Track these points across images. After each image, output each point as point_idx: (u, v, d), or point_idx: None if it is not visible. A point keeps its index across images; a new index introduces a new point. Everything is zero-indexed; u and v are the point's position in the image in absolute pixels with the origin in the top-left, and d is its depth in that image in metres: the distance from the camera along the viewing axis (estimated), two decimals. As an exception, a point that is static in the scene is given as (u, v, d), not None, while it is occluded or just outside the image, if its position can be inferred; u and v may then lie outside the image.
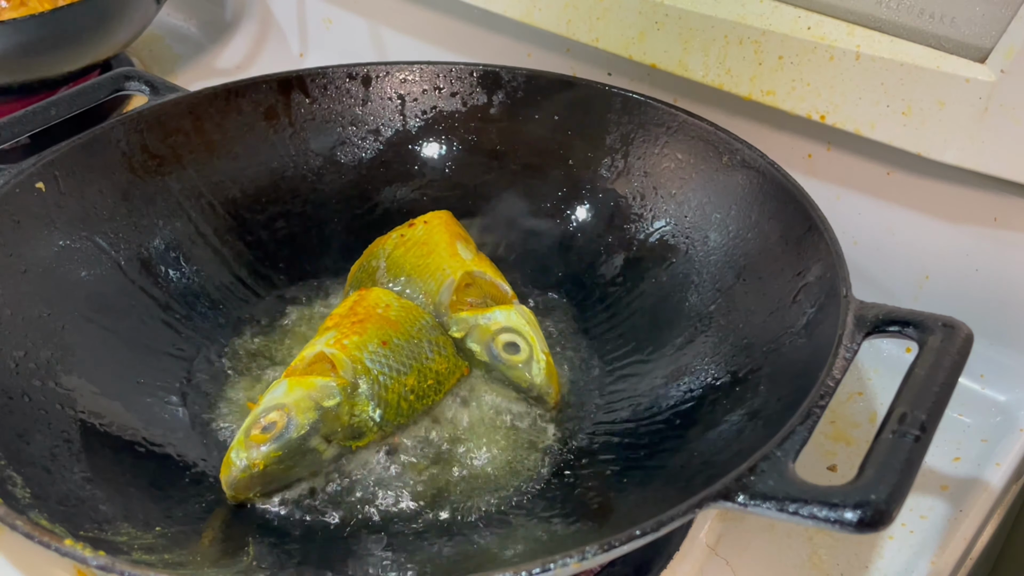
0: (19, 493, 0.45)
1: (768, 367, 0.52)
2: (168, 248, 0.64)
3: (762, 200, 0.59)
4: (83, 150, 0.62)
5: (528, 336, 0.57)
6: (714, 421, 0.51)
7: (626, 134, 0.66)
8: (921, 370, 0.44)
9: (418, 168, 0.71)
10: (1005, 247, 0.61)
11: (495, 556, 0.48)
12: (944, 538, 0.54)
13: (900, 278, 0.66)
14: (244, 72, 0.98)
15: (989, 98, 0.55)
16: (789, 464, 0.40)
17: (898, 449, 0.40)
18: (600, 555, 0.38)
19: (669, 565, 0.52)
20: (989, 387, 0.63)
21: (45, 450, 0.50)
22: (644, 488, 0.50)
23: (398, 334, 0.55)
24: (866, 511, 0.37)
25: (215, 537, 0.50)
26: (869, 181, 0.65)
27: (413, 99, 0.71)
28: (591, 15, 0.69)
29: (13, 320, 0.55)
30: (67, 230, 0.60)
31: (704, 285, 0.60)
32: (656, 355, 0.59)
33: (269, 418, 0.51)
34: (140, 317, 0.61)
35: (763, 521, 0.55)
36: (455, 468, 0.54)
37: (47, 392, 0.53)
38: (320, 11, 0.95)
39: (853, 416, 0.62)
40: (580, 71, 0.75)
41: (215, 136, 0.68)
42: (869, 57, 0.58)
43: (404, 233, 0.63)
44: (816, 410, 0.43)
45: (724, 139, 0.62)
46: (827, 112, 0.61)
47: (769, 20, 0.61)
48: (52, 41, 0.79)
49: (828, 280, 0.51)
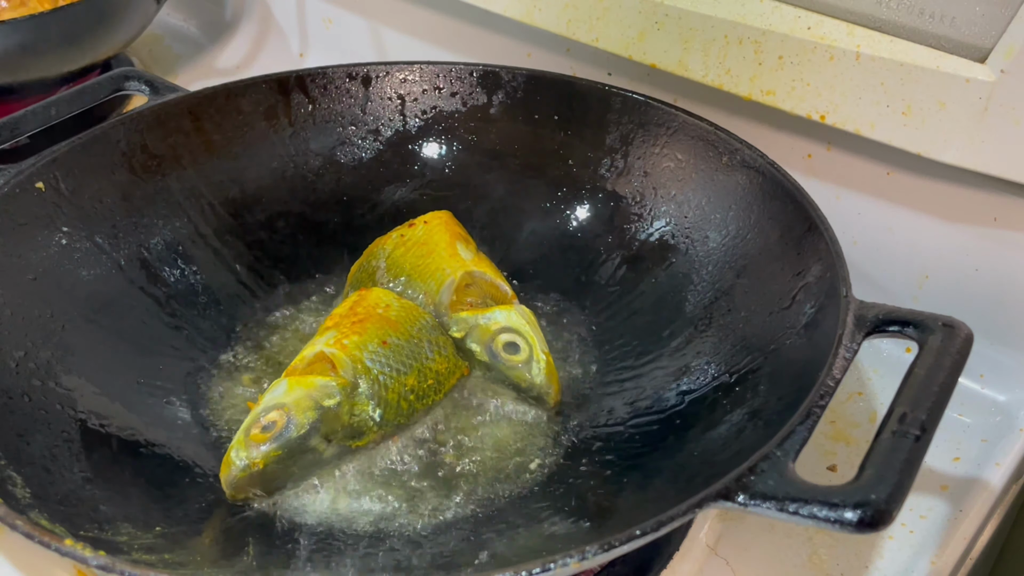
0: (19, 493, 0.45)
1: (768, 367, 0.52)
2: (168, 248, 0.64)
3: (762, 200, 0.59)
4: (83, 150, 0.62)
5: (528, 336, 0.57)
6: (714, 421, 0.51)
7: (626, 134, 0.66)
8: (921, 370, 0.44)
9: (418, 168, 0.71)
10: (1005, 247, 0.61)
11: (495, 556, 0.48)
12: (944, 538, 0.55)
13: (900, 278, 0.66)
14: (244, 72, 0.98)
15: (989, 98, 0.55)
16: (789, 464, 0.41)
17: (898, 449, 0.40)
18: (600, 555, 0.38)
19: (669, 565, 0.52)
20: (989, 387, 0.63)
21: (45, 450, 0.50)
22: (644, 488, 0.50)
23: (398, 334, 0.56)
24: (866, 511, 0.37)
25: (215, 537, 0.50)
26: (869, 181, 0.65)
27: (413, 99, 0.71)
28: (591, 15, 0.69)
29: (13, 320, 0.55)
30: (67, 230, 0.60)
31: (704, 285, 0.60)
32: (656, 355, 0.59)
33: (269, 417, 0.51)
34: (140, 317, 0.61)
35: (763, 521, 0.55)
36: (454, 468, 0.54)
37: (47, 392, 0.53)
38: (320, 11, 0.95)
39: (853, 416, 0.62)
40: (580, 71, 0.75)
41: (215, 136, 0.68)
42: (869, 57, 0.58)
43: (404, 233, 0.63)
44: (816, 410, 0.43)
45: (724, 139, 0.62)
46: (827, 112, 0.61)
47: (769, 20, 0.61)
48: (52, 41, 0.79)
49: (828, 280, 0.51)
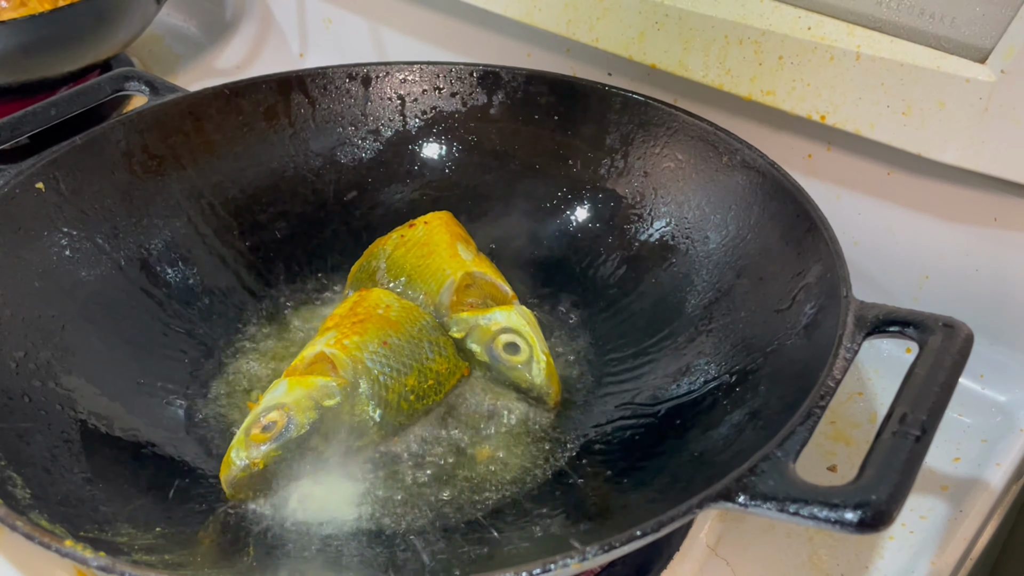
0: (19, 494, 0.45)
1: (768, 367, 0.52)
2: (168, 248, 0.64)
3: (762, 200, 0.59)
4: (83, 150, 0.62)
5: (528, 336, 0.57)
6: (714, 421, 0.51)
7: (626, 134, 0.66)
8: (921, 370, 0.44)
9: (418, 168, 0.71)
10: (1005, 247, 0.61)
11: (495, 556, 0.48)
12: (944, 538, 0.54)
13: (900, 278, 0.66)
14: (244, 72, 0.98)
15: (989, 98, 0.55)
16: (789, 464, 0.41)
17: (898, 449, 0.40)
18: (600, 555, 0.38)
19: (669, 565, 0.52)
20: (989, 387, 0.63)
21: (45, 451, 0.50)
22: (644, 488, 0.50)
23: (399, 334, 0.55)
24: (866, 511, 0.37)
25: (215, 538, 0.50)
26: (869, 181, 0.65)
27: (413, 99, 0.71)
28: (591, 15, 0.69)
29: (13, 320, 0.55)
30: (67, 230, 0.60)
31: (704, 285, 0.60)
32: (656, 355, 0.59)
33: (269, 417, 0.51)
34: (140, 317, 0.61)
35: (763, 521, 0.55)
36: (454, 469, 0.54)
37: (47, 393, 0.53)
38: (320, 11, 0.95)
39: (853, 416, 0.62)
40: (580, 71, 0.75)
41: (215, 136, 0.68)
42: (869, 57, 0.58)
43: (404, 234, 0.63)
44: (816, 410, 0.43)
45: (724, 139, 0.62)
46: (827, 112, 0.61)
47: (769, 20, 0.61)
48: (52, 41, 0.79)
49: (828, 280, 0.51)
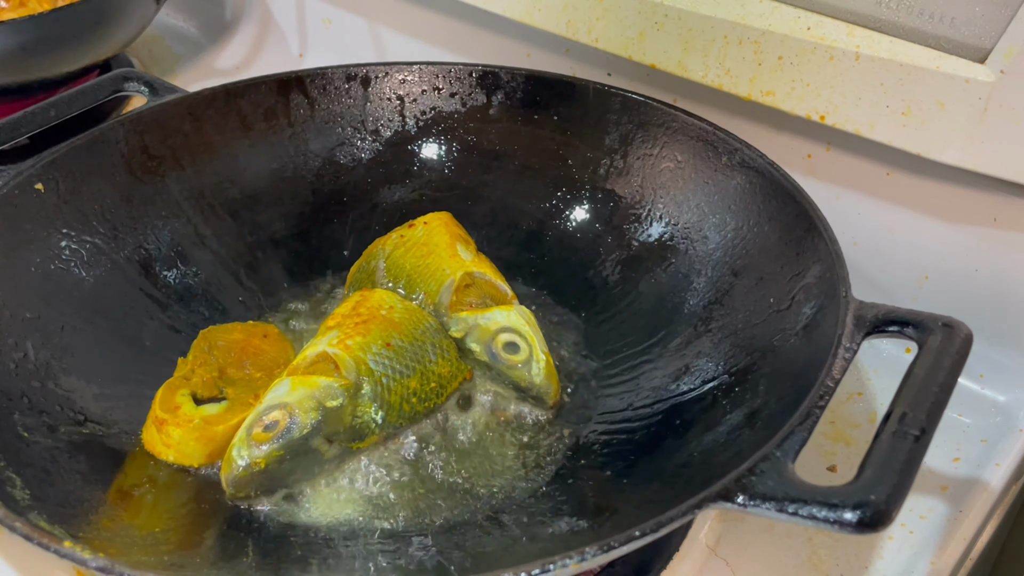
0: (18, 494, 0.45)
1: (768, 367, 0.52)
2: (168, 249, 0.64)
3: (762, 200, 0.59)
4: (82, 151, 0.62)
5: (528, 336, 0.57)
6: (713, 421, 0.51)
7: (626, 134, 0.66)
8: (921, 370, 0.44)
9: (417, 168, 0.71)
10: (1005, 247, 0.61)
11: (495, 556, 0.48)
12: (944, 538, 0.54)
13: (900, 278, 0.66)
14: (244, 72, 0.98)
15: (989, 98, 0.55)
16: (789, 464, 0.40)
17: (898, 449, 0.40)
18: (600, 555, 0.38)
19: (669, 565, 0.52)
20: (989, 387, 0.63)
21: (45, 451, 0.50)
22: (643, 488, 0.50)
23: (401, 336, 0.55)
24: (866, 511, 0.37)
25: (215, 538, 0.49)
26: (869, 181, 0.65)
27: (412, 100, 0.71)
28: (591, 15, 0.69)
29: (13, 321, 0.55)
30: (66, 231, 0.60)
31: (703, 285, 0.60)
32: (655, 355, 0.59)
33: (271, 416, 0.51)
34: (140, 318, 0.61)
35: (763, 521, 0.55)
36: (454, 469, 0.54)
37: (47, 393, 0.53)
38: (320, 11, 0.95)
39: (853, 416, 0.62)
40: (580, 71, 0.75)
41: (214, 137, 0.68)
42: (869, 57, 0.58)
43: (404, 234, 0.63)
44: (816, 410, 0.43)
45: (723, 139, 0.62)
46: (827, 112, 0.61)
47: (769, 20, 0.61)
48: (52, 41, 0.79)
49: (827, 280, 0.51)
